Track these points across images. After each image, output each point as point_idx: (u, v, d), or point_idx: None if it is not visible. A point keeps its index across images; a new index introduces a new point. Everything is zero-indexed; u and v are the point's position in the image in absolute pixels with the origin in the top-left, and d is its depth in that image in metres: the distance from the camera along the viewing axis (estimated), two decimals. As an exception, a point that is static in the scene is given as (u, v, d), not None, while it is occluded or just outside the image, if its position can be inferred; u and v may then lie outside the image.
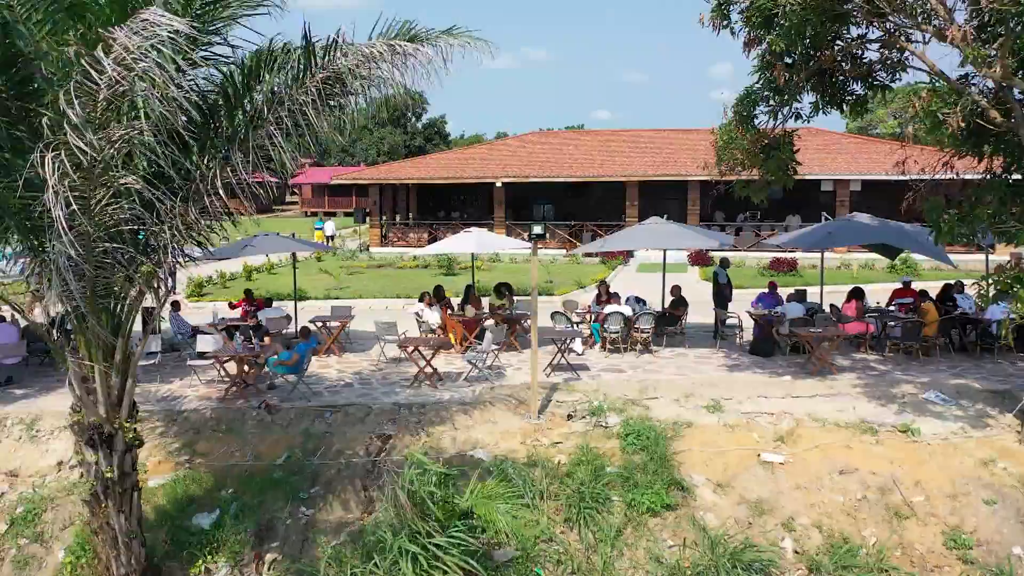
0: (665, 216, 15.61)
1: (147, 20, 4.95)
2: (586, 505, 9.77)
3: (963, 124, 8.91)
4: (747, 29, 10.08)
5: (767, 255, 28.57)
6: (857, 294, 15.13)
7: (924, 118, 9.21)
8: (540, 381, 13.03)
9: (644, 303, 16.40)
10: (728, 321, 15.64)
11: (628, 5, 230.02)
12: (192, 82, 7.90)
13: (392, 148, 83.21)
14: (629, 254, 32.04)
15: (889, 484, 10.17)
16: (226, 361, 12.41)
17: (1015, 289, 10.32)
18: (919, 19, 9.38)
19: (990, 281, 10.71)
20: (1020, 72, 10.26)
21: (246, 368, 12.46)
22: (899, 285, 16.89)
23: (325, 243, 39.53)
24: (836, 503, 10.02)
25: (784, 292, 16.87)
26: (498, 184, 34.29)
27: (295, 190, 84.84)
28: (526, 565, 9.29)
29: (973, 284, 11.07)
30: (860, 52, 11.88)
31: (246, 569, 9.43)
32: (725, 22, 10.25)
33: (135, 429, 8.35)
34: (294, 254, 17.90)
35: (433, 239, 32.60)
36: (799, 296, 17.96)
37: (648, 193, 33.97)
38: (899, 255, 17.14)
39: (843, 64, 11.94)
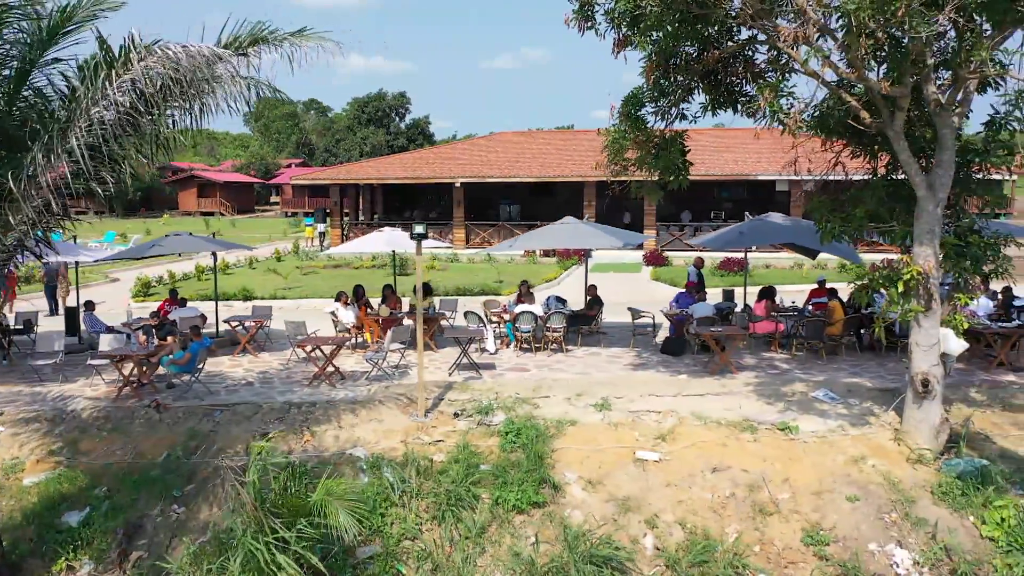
0: (587, 217, 15.66)
1: None
2: (452, 503, 9.83)
3: (801, 123, 9.00)
4: (613, 30, 10.14)
5: (719, 255, 28.62)
6: (767, 294, 15.23)
7: (769, 116, 9.29)
8: (441, 380, 13.16)
9: (564, 303, 16.48)
10: (641, 320, 15.69)
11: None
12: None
13: (375, 148, 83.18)
14: (587, 253, 32.09)
15: (759, 482, 10.24)
16: (119, 361, 12.46)
17: (888, 289, 10.46)
18: (776, 21, 9.44)
19: (866, 281, 10.82)
20: (896, 75, 10.33)
21: (143, 368, 12.52)
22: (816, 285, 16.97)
23: (315, 239, 39.75)
24: (704, 500, 10.08)
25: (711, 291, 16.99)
26: (457, 184, 34.35)
27: (278, 190, 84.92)
28: (388, 562, 9.36)
29: (849, 284, 11.18)
30: (751, 53, 11.97)
31: (110, 567, 9.49)
32: (589, 23, 10.32)
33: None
34: (214, 253, 17.96)
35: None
36: (727, 296, 18.15)
37: (608, 193, 34.00)
38: (818, 255, 17.21)
39: (736, 65, 12.03)
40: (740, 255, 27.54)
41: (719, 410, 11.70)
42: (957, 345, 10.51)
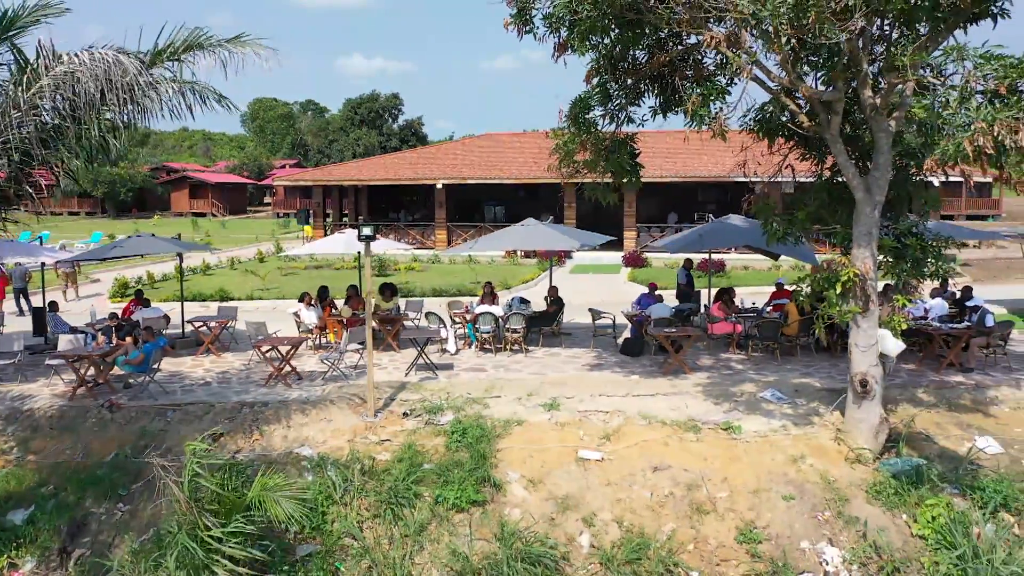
0: (551, 218, 15.80)
1: None
2: (393, 501, 9.95)
3: (725, 127, 9.16)
4: (551, 33, 10.26)
5: (699, 256, 28.74)
6: (721, 295, 15.36)
7: (697, 120, 9.42)
8: (396, 380, 13.29)
9: (527, 304, 16.61)
10: (601, 321, 15.82)
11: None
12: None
13: (368, 149, 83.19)
14: (567, 255, 32.28)
15: (699, 480, 10.36)
16: (74, 361, 12.58)
17: (827, 290, 10.59)
18: (712, 27, 9.54)
19: (808, 283, 10.95)
20: (829, 79, 10.46)
21: (99, 368, 12.63)
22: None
23: (309, 239, 39.75)
24: (643, 499, 10.20)
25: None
26: (438, 186, 34.48)
27: (271, 191, 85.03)
28: (327, 560, 9.48)
29: (793, 285, 11.30)
30: (700, 56, 12.09)
31: (52, 564, 9.60)
32: (528, 27, 10.44)
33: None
34: (180, 254, 18.09)
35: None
36: (695, 297, 18.28)
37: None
38: (780, 256, 17.34)
39: (684, 68, 12.14)
40: (720, 256, 27.73)
41: (666, 410, 11.83)
42: (894, 346, 10.63)
